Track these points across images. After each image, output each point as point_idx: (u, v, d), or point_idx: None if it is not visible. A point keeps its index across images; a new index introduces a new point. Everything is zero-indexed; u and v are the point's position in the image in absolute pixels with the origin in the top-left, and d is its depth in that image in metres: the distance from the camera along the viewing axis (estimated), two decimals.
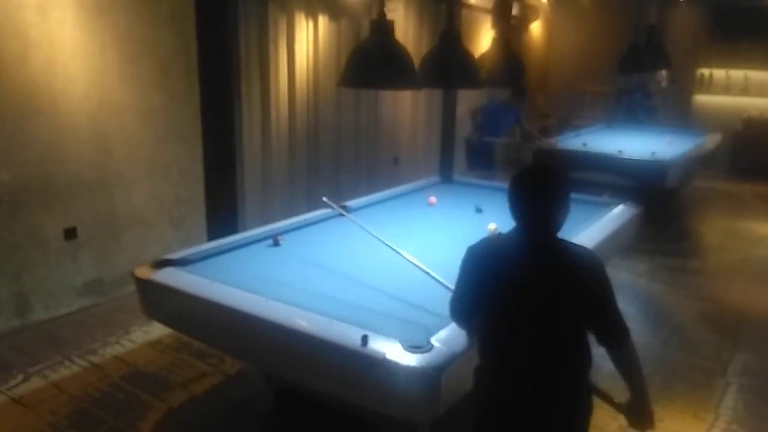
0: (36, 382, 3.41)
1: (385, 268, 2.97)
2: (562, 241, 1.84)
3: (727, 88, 9.87)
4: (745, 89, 9.74)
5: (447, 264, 2.92)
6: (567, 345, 1.84)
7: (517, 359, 1.83)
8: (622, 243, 3.99)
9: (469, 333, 2.08)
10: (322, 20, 5.75)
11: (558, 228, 1.80)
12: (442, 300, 2.52)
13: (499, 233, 1.95)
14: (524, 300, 1.79)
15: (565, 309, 1.78)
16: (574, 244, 1.89)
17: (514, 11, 9.14)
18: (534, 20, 10.06)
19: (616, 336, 1.85)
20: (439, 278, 2.61)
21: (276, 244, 3.26)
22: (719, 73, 9.91)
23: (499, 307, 1.85)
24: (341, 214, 3.59)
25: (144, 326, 4.00)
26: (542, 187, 1.79)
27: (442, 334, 2.17)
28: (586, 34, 10.25)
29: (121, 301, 4.39)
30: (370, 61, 2.99)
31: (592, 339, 1.89)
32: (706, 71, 10.01)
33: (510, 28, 8.79)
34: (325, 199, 3.37)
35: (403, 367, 2.00)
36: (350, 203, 4.03)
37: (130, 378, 3.47)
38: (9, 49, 3.71)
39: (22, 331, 3.98)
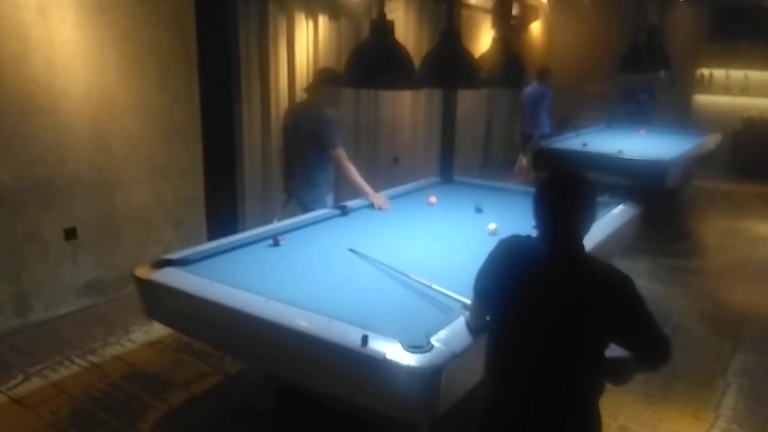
0: (36, 382, 3.41)
1: (386, 268, 2.97)
2: (588, 254, 1.78)
3: (727, 88, 9.88)
4: (745, 89, 9.75)
5: (447, 264, 2.93)
6: (581, 361, 1.75)
7: (528, 368, 1.77)
8: (622, 243, 3.99)
9: (478, 317, 2.08)
10: (322, 20, 5.75)
11: (582, 237, 1.76)
12: (442, 300, 2.53)
13: (528, 235, 1.86)
14: (541, 310, 1.73)
15: (584, 324, 1.70)
16: (599, 260, 1.81)
17: (514, 11, 9.15)
18: (534, 20, 10.07)
19: (657, 353, 1.79)
20: (446, 291, 2.58)
21: (276, 244, 3.26)
22: (719, 73, 9.92)
23: (514, 316, 1.79)
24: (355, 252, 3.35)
25: (144, 326, 4.00)
26: (570, 194, 1.75)
27: (442, 334, 2.16)
28: (586, 34, 10.25)
29: (121, 301, 4.39)
30: (370, 61, 2.98)
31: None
32: (706, 71, 10.02)
33: (510, 28, 8.79)
34: (350, 249, 3.23)
35: (403, 367, 2.00)
36: (350, 203, 4.03)
37: (130, 378, 3.47)
38: (9, 49, 3.71)
39: (22, 331, 3.98)
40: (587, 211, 1.74)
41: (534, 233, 1.83)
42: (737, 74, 9.77)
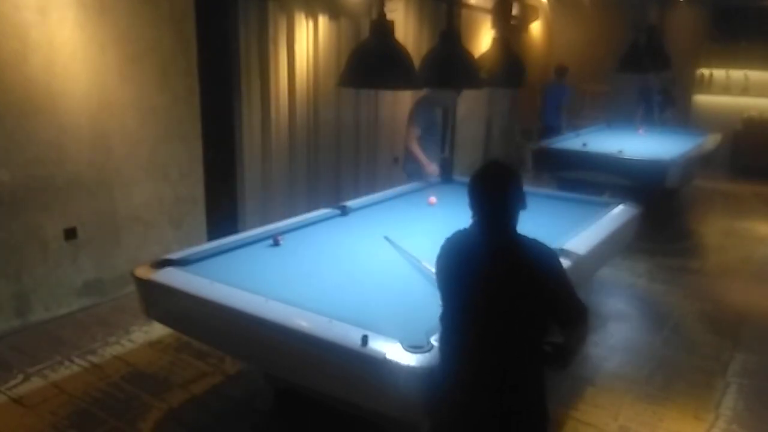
0: (36, 382, 3.41)
1: (385, 268, 2.97)
2: (519, 235, 1.93)
3: (727, 88, 9.87)
4: (745, 89, 9.74)
5: None
6: (529, 341, 1.90)
7: (481, 352, 1.89)
8: (622, 243, 3.99)
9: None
10: (322, 20, 5.75)
11: (513, 220, 1.91)
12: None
13: (464, 228, 2.02)
14: (486, 294, 1.86)
15: (523, 301, 1.85)
16: (530, 239, 1.94)
17: (514, 11, 9.14)
18: (534, 20, 10.07)
19: (573, 316, 1.92)
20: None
21: (276, 244, 3.26)
22: (719, 73, 9.91)
23: (463, 303, 1.92)
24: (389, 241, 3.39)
25: (144, 326, 4.00)
26: (497, 184, 1.92)
27: None
28: (586, 34, 10.25)
29: (121, 301, 4.39)
30: (370, 61, 2.98)
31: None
32: (706, 71, 10.02)
33: (510, 28, 8.79)
34: (385, 237, 3.34)
35: (403, 367, 2.00)
36: (350, 203, 4.03)
37: (130, 378, 3.47)
38: (9, 49, 3.71)
39: (22, 331, 3.98)
40: (516, 197, 1.90)
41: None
42: (737, 74, 9.76)
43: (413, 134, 5.09)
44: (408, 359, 2.01)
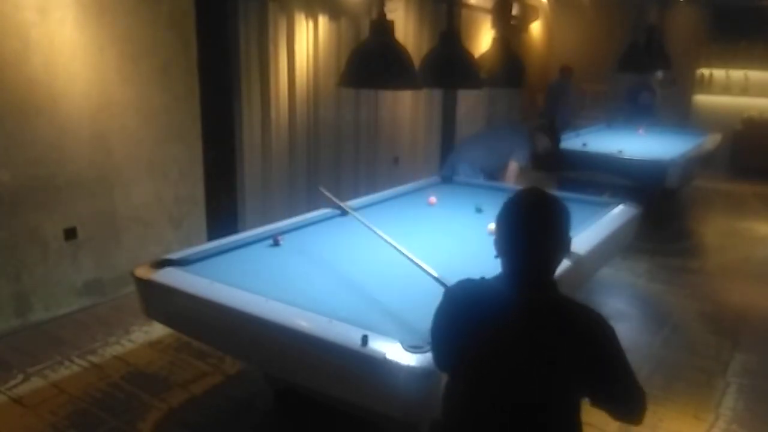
0: (36, 382, 3.41)
1: (385, 268, 2.97)
2: (560, 295, 1.56)
3: (727, 88, 9.88)
4: (745, 89, 9.75)
5: (447, 264, 2.93)
6: (556, 421, 1.57)
7: (495, 424, 1.57)
8: (622, 243, 3.99)
9: None
10: (322, 20, 5.75)
11: (553, 271, 1.56)
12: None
13: (482, 278, 1.63)
14: (509, 365, 1.52)
15: (558, 379, 1.50)
16: (575, 302, 1.56)
17: (514, 11, 9.15)
18: (534, 20, 10.07)
19: (628, 404, 1.57)
20: (433, 272, 2.59)
21: (276, 244, 3.25)
22: (719, 73, 9.92)
23: (477, 372, 1.58)
24: (342, 211, 3.54)
25: (144, 326, 4.00)
26: (542, 220, 1.53)
27: None
28: (586, 34, 10.26)
29: (121, 301, 4.39)
30: (370, 61, 2.99)
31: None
32: (706, 71, 10.02)
33: (510, 28, 8.80)
34: (322, 189, 3.27)
35: (403, 367, 2.00)
36: (350, 203, 4.03)
37: (130, 378, 3.47)
38: (9, 49, 3.71)
39: (22, 331, 3.98)
40: (563, 240, 1.55)
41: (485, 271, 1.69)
42: (737, 74, 9.77)
43: (517, 171, 5.28)
44: (408, 359, 2.01)
